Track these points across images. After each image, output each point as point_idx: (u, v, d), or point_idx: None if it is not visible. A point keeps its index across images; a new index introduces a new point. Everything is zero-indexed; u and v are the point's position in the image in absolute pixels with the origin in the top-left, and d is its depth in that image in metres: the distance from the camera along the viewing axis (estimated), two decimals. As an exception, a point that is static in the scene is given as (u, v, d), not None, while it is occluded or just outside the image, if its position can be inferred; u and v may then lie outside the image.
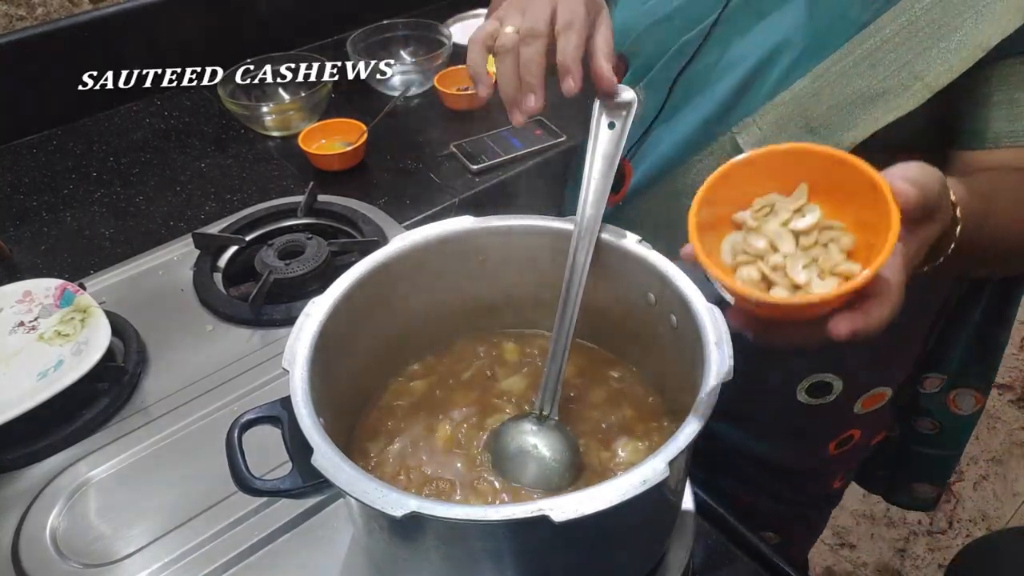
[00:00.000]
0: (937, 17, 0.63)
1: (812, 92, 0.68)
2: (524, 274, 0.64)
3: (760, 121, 0.72)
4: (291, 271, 0.86)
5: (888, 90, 0.65)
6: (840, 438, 0.92)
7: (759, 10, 0.72)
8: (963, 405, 0.96)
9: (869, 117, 0.66)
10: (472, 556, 0.49)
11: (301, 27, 1.45)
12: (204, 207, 1.08)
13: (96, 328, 0.77)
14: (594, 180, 0.60)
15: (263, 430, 0.52)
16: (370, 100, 1.27)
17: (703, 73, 0.76)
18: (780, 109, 0.70)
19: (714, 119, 0.74)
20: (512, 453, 0.57)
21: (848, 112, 0.67)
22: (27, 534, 0.65)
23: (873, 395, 0.89)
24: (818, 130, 0.69)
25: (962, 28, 0.62)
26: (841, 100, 0.67)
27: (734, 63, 0.73)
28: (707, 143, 0.75)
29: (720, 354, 0.49)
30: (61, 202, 1.10)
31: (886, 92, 0.65)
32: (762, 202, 0.45)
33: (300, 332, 0.54)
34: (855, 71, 0.66)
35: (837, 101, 0.67)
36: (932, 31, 0.63)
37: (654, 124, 0.80)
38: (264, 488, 0.50)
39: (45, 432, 0.72)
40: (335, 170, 1.13)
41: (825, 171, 0.43)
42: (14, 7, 1.18)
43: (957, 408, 0.96)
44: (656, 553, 0.58)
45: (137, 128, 1.26)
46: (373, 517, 0.50)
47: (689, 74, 0.77)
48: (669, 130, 0.78)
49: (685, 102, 0.77)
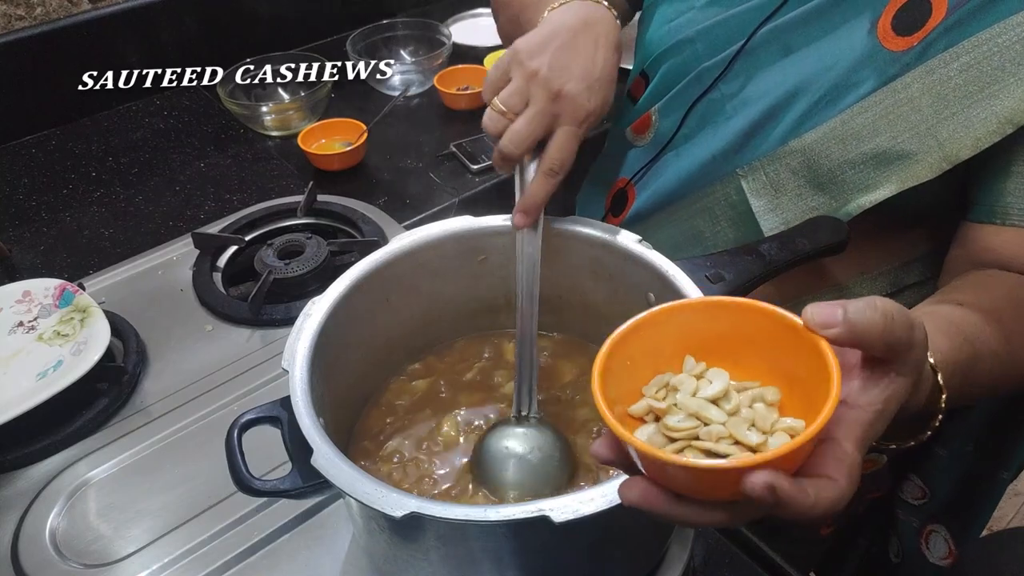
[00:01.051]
0: (970, 80, 0.57)
1: (824, 143, 0.64)
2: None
3: (767, 167, 0.68)
4: (291, 271, 0.86)
5: (907, 153, 0.60)
6: None
7: (786, 45, 0.68)
8: (934, 548, 0.85)
9: (883, 179, 0.61)
10: (472, 556, 0.49)
11: (301, 27, 1.45)
12: (204, 207, 1.08)
13: (95, 328, 0.76)
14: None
15: (263, 430, 0.52)
16: (370, 100, 1.27)
17: (719, 105, 0.72)
18: (789, 158, 0.66)
19: (722, 156, 0.72)
20: (500, 466, 0.56)
21: (860, 171, 0.62)
22: (27, 534, 0.65)
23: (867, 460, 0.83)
24: (826, 187, 0.65)
25: (996, 97, 0.56)
26: (855, 157, 0.62)
27: (750, 100, 0.70)
28: (712, 181, 0.73)
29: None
30: (60, 202, 1.09)
31: (904, 155, 0.60)
32: (655, 384, 0.39)
33: (300, 332, 0.54)
34: (873, 127, 0.61)
35: (850, 157, 0.63)
36: (962, 95, 0.58)
37: (664, 151, 0.77)
38: (264, 488, 0.50)
39: (44, 432, 0.71)
40: (335, 170, 1.13)
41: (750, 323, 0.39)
42: (13, 7, 1.18)
43: (927, 548, 0.85)
44: (656, 553, 0.58)
45: (136, 128, 1.26)
46: (373, 517, 0.50)
47: (705, 104, 0.73)
48: (677, 159, 0.76)
49: (697, 133, 0.75)
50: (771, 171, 0.68)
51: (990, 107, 0.57)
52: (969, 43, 0.58)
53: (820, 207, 0.66)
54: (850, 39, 0.64)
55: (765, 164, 0.68)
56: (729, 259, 0.58)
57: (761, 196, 0.69)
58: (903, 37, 0.61)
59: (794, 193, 0.68)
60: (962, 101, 0.58)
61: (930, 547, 0.86)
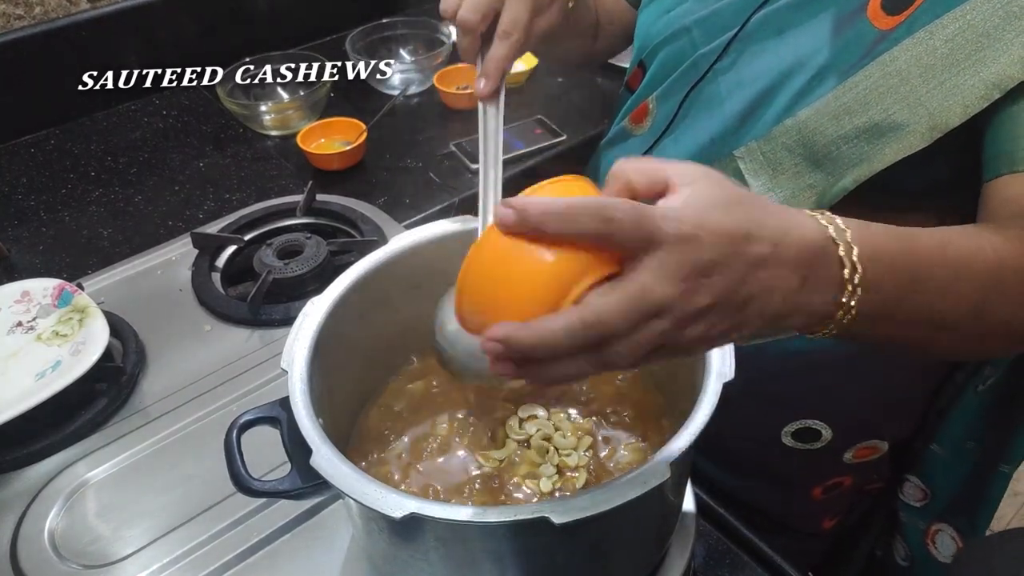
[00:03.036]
0: (956, 49, 0.58)
1: (817, 120, 0.65)
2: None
3: (764, 148, 0.69)
4: (290, 271, 0.86)
5: (898, 125, 0.61)
6: (827, 484, 0.87)
7: (778, 27, 0.69)
8: (942, 547, 0.85)
9: (876, 152, 0.62)
10: (472, 557, 0.49)
11: (301, 27, 1.45)
12: (203, 206, 1.08)
13: (94, 328, 0.76)
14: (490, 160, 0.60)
15: (262, 430, 0.51)
16: (370, 99, 1.27)
17: (715, 90, 0.73)
18: (784, 137, 0.67)
19: (719, 139, 0.72)
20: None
21: (854, 145, 0.63)
22: (25, 535, 0.65)
23: (867, 447, 0.84)
24: (822, 163, 0.65)
25: (982, 64, 0.57)
26: (848, 132, 0.63)
27: (745, 82, 0.71)
28: (710, 164, 0.70)
29: (721, 355, 0.49)
30: (59, 202, 1.09)
31: (896, 127, 0.61)
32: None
33: (299, 332, 0.53)
34: (864, 101, 0.62)
35: (844, 132, 0.63)
36: (949, 64, 0.59)
37: (662, 137, 0.78)
38: (263, 489, 0.49)
39: (43, 433, 0.71)
40: (334, 169, 1.13)
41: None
42: (12, 6, 1.18)
43: (935, 548, 0.86)
44: (656, 554, 0.58)
45: (136, 127, 1.26)
46: (372, 518, 0.50)
47: (701, 90, 0.74)
48: (675, 144, 0.77)
49: (695, 118, 0.75)
50: (767, 151, 0.68)
51: (976, 74, 0.57)
52: (953, 15, 0.59)
53: (817, 183, 0.67)
54: (840, 20, 0.66)
55: (762, 144, 0.69)
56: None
57: (759, 176, 0.70)
58: (892, 16, 0.63)
59: (792, 171, 0.68)
60: (949, 70, 0.59)
61: (937, 546, 0.86)
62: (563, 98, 1.28)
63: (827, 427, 0.80)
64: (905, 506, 0.89)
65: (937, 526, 0.86)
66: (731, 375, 0.48)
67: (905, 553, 0.90)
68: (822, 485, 0.87)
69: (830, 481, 0.87)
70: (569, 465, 0.57)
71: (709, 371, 0.48)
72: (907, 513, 0.89)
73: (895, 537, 0.91)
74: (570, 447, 0.57)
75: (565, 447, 0.57)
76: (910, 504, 0.88)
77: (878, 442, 0.84)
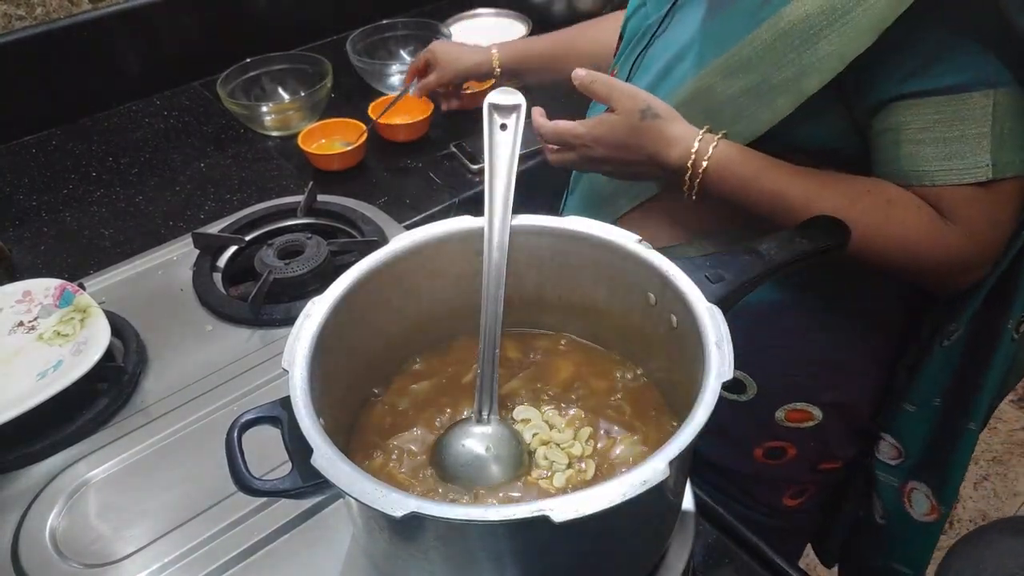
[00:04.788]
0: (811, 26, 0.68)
1: (711, 79, 0.75)
2: (524, 274, 0.64)
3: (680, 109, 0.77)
4: (291, 271, 0.86)
5: (772, 87, 0.71)
6: (767, 447, 0.88)
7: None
8: (917, 505, 0.88)
9: (759, 112, 0.73)
10: (472, 556, 0.49)
11: (301, 27, 1.45)
12: (204, 207, 1.08)
13: (95, 328, 0.77)
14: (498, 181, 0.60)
15: (263, 430, 0.52)
16: (370, 100, 1.27)
17: (652, 54, 0.84)
18: (685, 94, 0.78)
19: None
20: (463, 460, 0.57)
21: (737, 106, 0.74)
22: (27, 534, 0.65)
23: (796, 409, 0.85)
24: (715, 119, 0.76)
25: (826, 39, 0.67)
26: (735, 92, 0.74)
27: (670, 45, 0.81)
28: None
29: (720, 354, 0.49)
30: (60, 202, 1.10)
31: (772, 88, 0.71)
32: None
33: (300, 332, 0.54)
34: (747, 66, 0.72)
35: (731, 92, 0.74)
36: (805, 39, 0.68)
37: None
38: (264, 488, 0.49)
39: (44, 432, 0.72)
40: (335, 170, 1.13)
41: None
42: (13, 7, 1.18)
43: (910, 506, 0.89)
44: (656, 553, 0.58)
45: (137, 128, 1.26)
46: (373, 517, 0.50)
47: (644, 55, 0.85)
48: None
49: (637, 80, 0.84)
50: (683, 111, 0.77)
51: (826, 48, 0.68)
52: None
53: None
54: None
55: (679, 107, 0.77)
56: (729, 259, 0.58)
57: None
58: None
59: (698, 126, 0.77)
60: (805, 44, 0.69)
61: (913, 505, 0.89)
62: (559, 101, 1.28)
63: (752, 380, 0.83)
64: (881, 464, 0.91)
65: (912, 484, 0.89)
66: (730, 375, 0.48)
67: (883, 511, 0.92)
68: (762, 447, 0.88)
69: (769, 443, 0.88)
70: (575, 455, 0.57)
71: (709, 371, 0.48)
72: (883, 471, 0.91)
73: (874, 497, 0.93)
74: (568, 439, 0.58)
75: (564, 441, 0.58)
76: (886, 462, 0.90)
77: (810, 407, 0.85)
